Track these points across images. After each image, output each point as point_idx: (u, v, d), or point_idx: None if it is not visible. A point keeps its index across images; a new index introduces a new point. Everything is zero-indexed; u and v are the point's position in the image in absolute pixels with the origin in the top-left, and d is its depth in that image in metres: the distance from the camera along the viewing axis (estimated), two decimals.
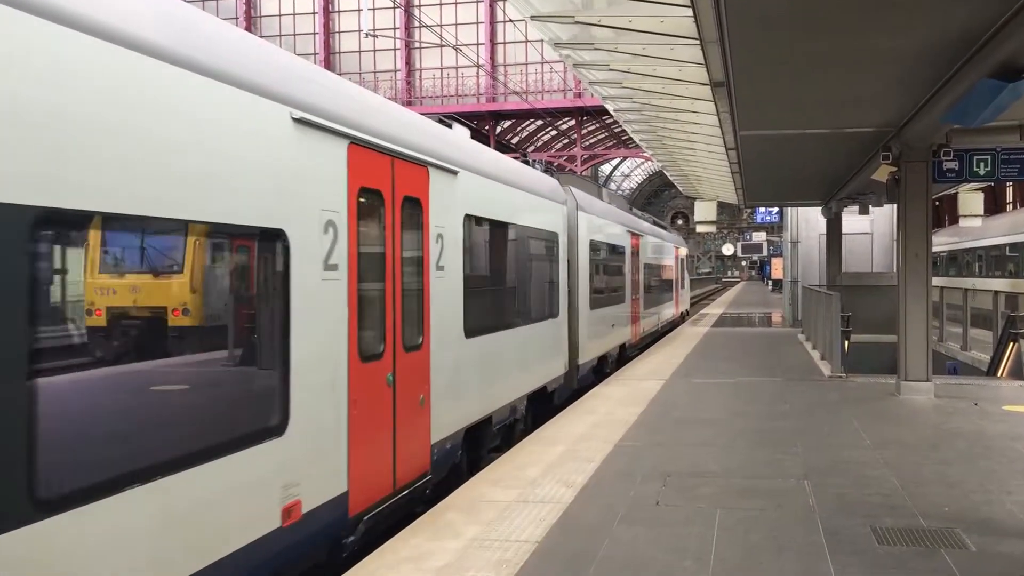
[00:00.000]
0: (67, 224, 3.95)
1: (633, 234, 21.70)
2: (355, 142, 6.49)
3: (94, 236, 4.14)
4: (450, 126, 9.82)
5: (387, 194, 7.08)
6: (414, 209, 7.66)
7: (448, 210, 8.44)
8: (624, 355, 19.92)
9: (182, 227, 4.71)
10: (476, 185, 9.39)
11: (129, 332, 4.42)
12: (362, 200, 6.61)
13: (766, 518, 6.88)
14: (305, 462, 5.71)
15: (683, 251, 36.86)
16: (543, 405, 12.71)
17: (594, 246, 16.37)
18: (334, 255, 6.11)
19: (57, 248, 3.97)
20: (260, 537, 5.18)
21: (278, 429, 5.42)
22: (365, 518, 6.54)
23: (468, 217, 9.03)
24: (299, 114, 5.73)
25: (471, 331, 9.06)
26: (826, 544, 6.23)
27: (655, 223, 30.75)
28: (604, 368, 17.32)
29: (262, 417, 5.34)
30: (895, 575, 5.64)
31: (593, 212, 16.44)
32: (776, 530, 6.57)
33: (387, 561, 5.94)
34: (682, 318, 34.45)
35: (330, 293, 6.07)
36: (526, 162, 14.07)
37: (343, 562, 6.32)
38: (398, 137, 7.34)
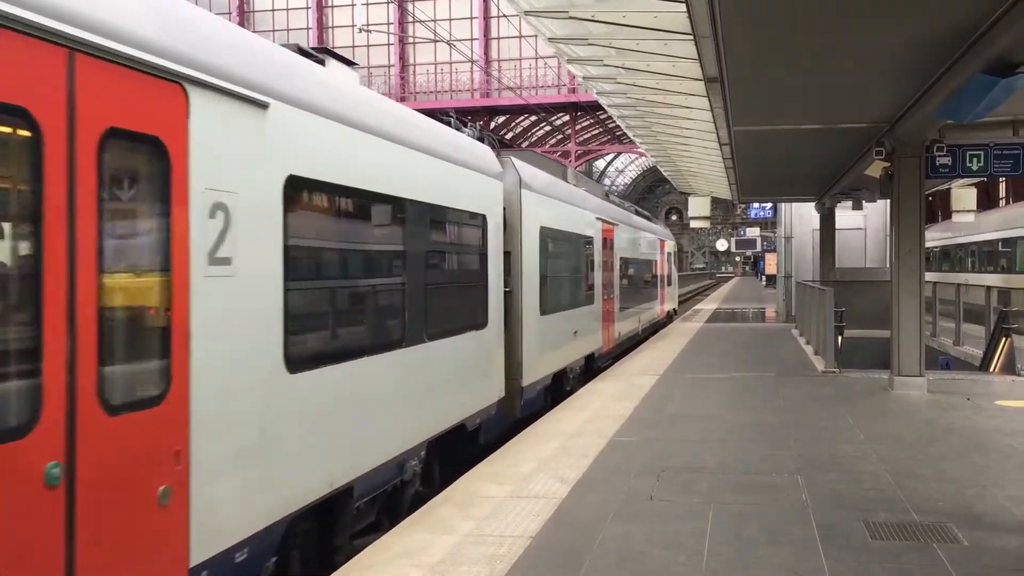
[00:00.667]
0: None
1: (605, 222, 18.44)
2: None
3: None
4: (322, 63, 7.12)
5: (51, 122, 3.91)
6: (147, 156, 4.60)
7: (243, 166, 5.31)
8: (592, 366, 16.82)
9: None
10: (314, 130, 6.16)
11: None
12: None
13: (760, 513, 6.89)
14: None
15: (670, 244, 33.58)
16: (469, 445, 9.80)
17: (548, 235, 13.21)
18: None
19: None
20: None
21: None
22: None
23: (294, 181, 5.86)
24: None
25: (299, 362, 5.86)
26: (820, 538, 6.24)
27: (638, 212, 27.26)
28: (564, 386, 14.25)
29: None
30: (889, 569, 5.65)
31: (545, 192, 13.17)
32: (770, 525, 6.58)
33: (381, 557, 5.93)
34: (668, 318, 31.78)
35: None
36: (450, 124, 10.53)
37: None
38: (90, 15, 4.16)
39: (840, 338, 15.84)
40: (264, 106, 5.52)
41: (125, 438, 4.30)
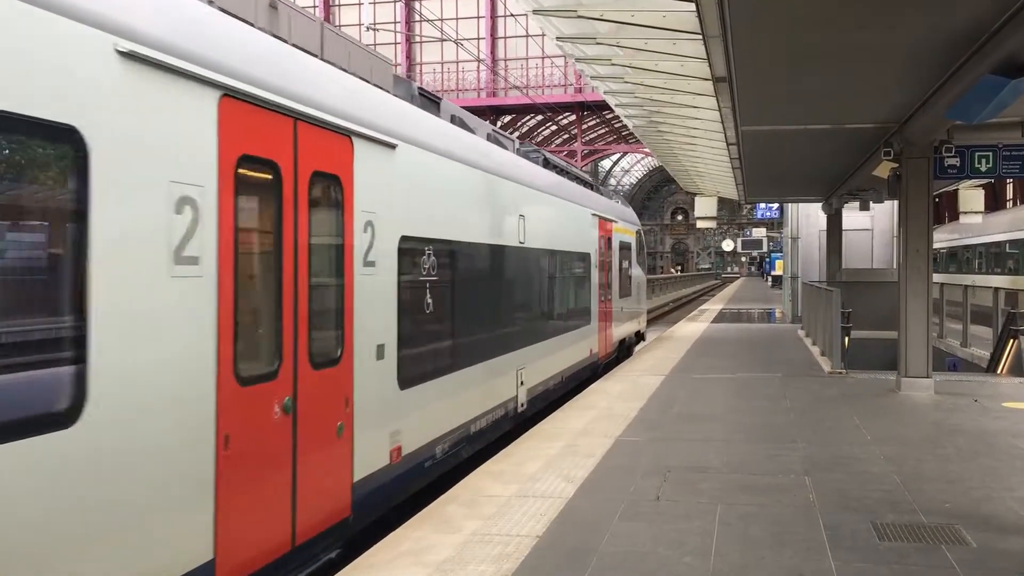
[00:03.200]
0: None
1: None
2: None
3: None
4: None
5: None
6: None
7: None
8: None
9: None
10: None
11: None
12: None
13: (767, 513, 6.88)
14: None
15: (624, 230, 18.96)
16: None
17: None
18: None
19: None
20: None
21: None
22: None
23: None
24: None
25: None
26: (827, 539, 6.23)
27: (562, 172, 15.08)
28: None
29: None
30: (896, 570, 5.64)
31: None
32: (777, 525, 6.57)
33: (388, 555, 5.94)
34: (627, 349, 20.06)
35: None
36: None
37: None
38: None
39: (847, 339, 15.81)
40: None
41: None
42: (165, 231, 4.50)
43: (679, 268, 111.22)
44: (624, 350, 19.32)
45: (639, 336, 21.70)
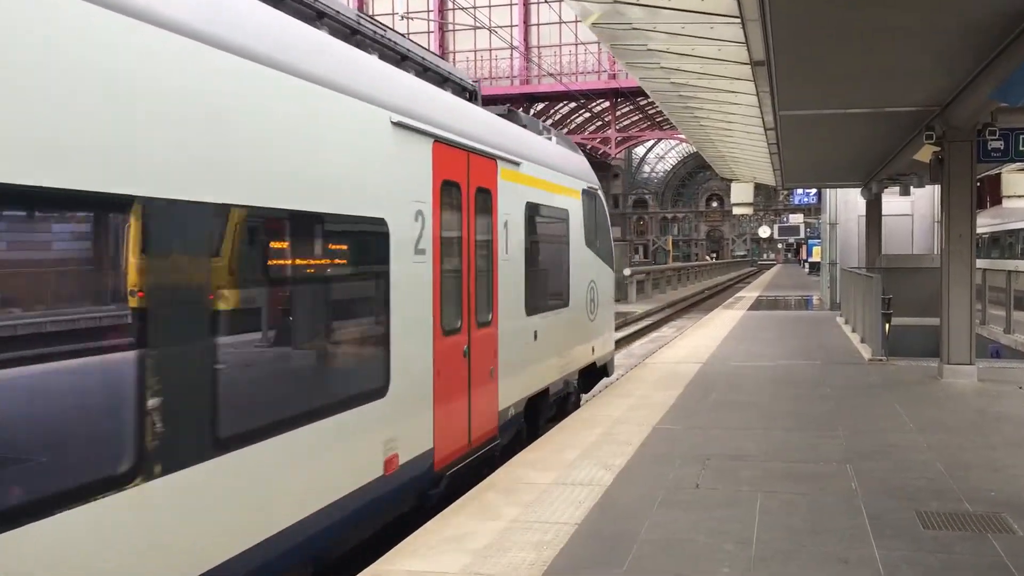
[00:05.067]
0: None
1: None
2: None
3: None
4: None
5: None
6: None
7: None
8: None
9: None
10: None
11: None
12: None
13: (808, 501, 6.82)
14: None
15: (554, 187, 10.68)
16: None
17: None
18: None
19: None
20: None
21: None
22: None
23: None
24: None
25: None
26: (870, 528, 6.16)
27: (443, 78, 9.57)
28: None
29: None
30: (941, 559, 5.56)
31: None
32: (819, 513, 6.51)
33: (429, 540, 5.97)
34: (554, 406, 11.14)
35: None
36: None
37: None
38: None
39: (887, 326, 15.58)
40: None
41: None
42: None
43: (714, 255, 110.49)
44: (553, 404, 10.87)
45: (599, 372, 13.09)
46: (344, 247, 6.11)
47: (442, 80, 8.82)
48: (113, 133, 3.91)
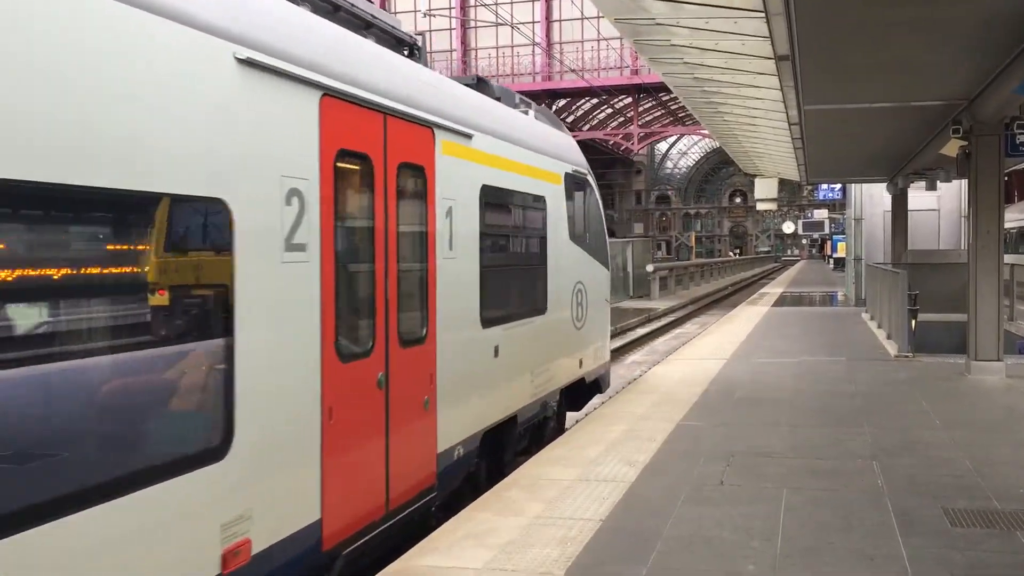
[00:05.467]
0: None
1: None
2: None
3: None
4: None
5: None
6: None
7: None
8: None
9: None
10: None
11: None
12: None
13: (834, 498, 6.77)
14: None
15: (527, 169, 8.80)
16: None
17: None
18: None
19: None
20: None
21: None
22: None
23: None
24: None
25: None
26: (897, 525, 6.11)
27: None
28: None
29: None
30: (969, 557, 5.51)
31: None
32: (845, 510, 6.46)
33: (451, 538, 5.98)
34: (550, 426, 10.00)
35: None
36: None
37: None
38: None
39: (914, 322, 15.43)
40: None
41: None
42: None
43: (738, 251, 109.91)
44: (524, 433, 9.13)
45: (590, 388, 11.14)
46: (139, 239, 4.09)
47: (365, 26, 6.80)
48: None
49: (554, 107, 60.39)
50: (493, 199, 7.89)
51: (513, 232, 8.78)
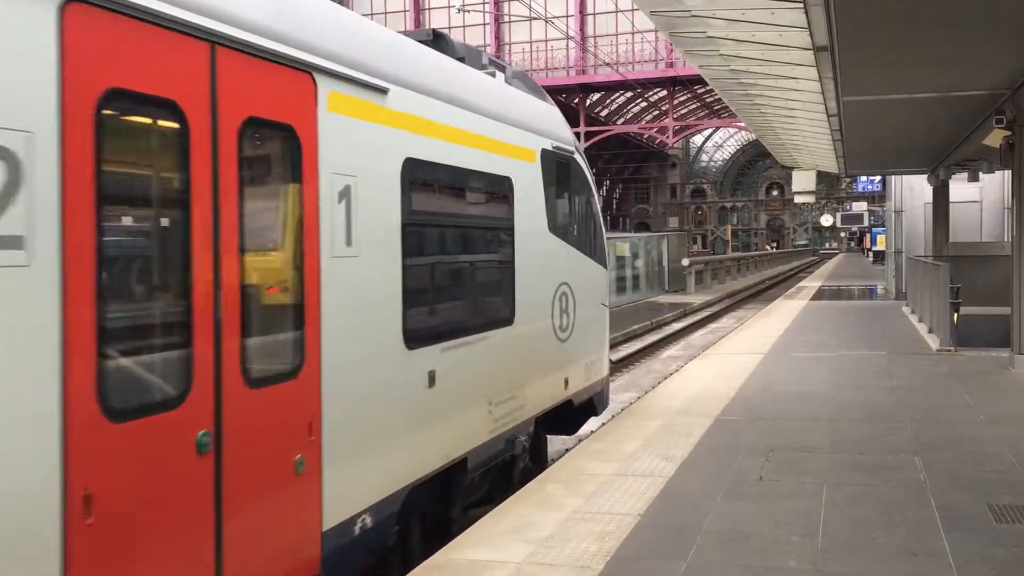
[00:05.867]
0: None
1: None
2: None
3: None
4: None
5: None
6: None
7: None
8: None
9: None
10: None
11: None
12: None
13: (875, 493, 6.71)
14: None
15: (502, 147, 7.23)
16: None
17: None
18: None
19: None
20: None
21: None
22: None
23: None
24: None
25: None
26: (940, 520, 6.04)
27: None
28: None
29: None
30: (1015, 553, 5.42)
31: None
32: (887, 505, 6.39)
33: (491, 531, 6.01)
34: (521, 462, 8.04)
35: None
36: None
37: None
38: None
39: (956, 315, 15.21)
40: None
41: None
42: None
43: (775, 245, 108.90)
44: (483, 478, 7.29)
45: (581, 411, 9.34)
46: None
47: None
48: None
49: (588, 101, 60.22)
50: (425, 178, 6.07)
51: (460, 222, 6.86)
